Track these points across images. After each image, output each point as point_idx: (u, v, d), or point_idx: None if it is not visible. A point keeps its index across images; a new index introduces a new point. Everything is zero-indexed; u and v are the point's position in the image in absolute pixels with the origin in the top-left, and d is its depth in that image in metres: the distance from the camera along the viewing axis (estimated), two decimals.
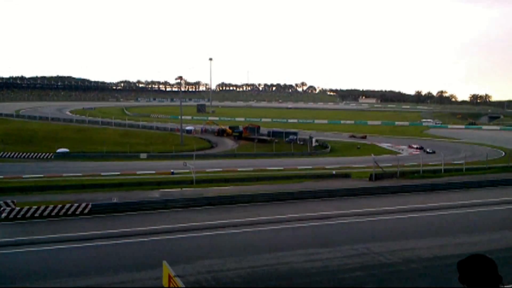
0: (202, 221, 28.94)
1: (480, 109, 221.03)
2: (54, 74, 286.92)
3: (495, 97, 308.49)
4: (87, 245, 23.61)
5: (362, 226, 28.77)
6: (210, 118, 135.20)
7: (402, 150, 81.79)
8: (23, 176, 47.03)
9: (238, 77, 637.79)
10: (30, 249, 22.75)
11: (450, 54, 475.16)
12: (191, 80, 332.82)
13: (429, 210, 33.09)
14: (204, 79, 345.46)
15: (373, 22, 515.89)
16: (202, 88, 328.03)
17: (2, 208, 29.25)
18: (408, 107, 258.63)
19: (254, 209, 32.86)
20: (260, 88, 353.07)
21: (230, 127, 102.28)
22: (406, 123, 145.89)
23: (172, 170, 51.89)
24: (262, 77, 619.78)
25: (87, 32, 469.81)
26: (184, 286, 14.06)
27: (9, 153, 62.32)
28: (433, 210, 33.10)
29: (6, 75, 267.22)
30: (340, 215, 31.05)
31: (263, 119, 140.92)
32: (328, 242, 24.22)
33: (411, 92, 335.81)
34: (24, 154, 62.88)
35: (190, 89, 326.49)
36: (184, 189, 41.63)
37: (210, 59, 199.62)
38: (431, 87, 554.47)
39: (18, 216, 28.69)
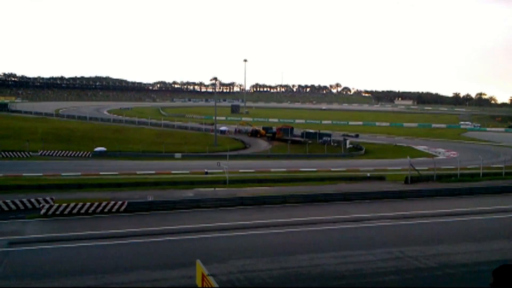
0: (235, 221, 29.10)
1: None
2: (92, 75, 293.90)
3: None
4: (122, 243, 24.07)
5: (397, 229, 28.36)
6: (243, 118, 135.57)
7: (439, 153, 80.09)
8: (62, 174, 48.22)
9: (272, 78, 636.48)
10: (67, 245, 23.35)
11: (490, 55, 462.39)
12: (226, 81, 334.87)
13: (466, 214, 32.32)
14: (238, 80, 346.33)
15: (410, 23, 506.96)
16: (236, 89, 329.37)
17: (41, 205, 30.11)
18: (446, 109, 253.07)
19: (286, 210, 32.83)
20: (294, 89, 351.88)
21: (263, 128, 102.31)
22: (443, 125, 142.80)
23: (205, 170, 52.24)
24: (296, 78, 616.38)
25: (125, 33, 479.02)
26: (217, 285, 14.14)
27: (48, 152, 64.00)
28: (470, 214, 32.32)
29: (46, 75, 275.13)
30: (374, 218, 30.67)
31: (296, 120, 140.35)
32: (361, 245, 23.96)
33: (449, 94, 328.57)
34: (63, 152, 64.45)
35: (224, 90, 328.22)
36: (217, 189, 41.89)
37: (245, 60, 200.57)
38: (470, 89, 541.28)
39: (56, 213, 29.47)
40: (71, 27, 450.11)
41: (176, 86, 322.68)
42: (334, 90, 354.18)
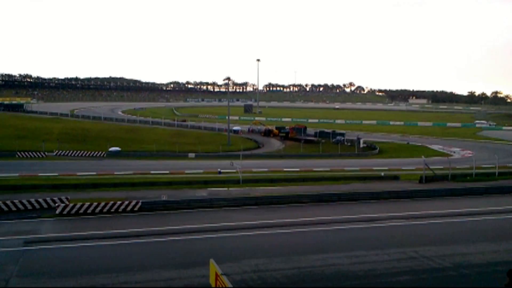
0: (248, 220, 29.15)
1: None
2: (107, 75, 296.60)
3: None
4: (136, 242, 24.24)
5: (411, 229, 28.18)
6: (257, 118, 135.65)
7: (454, 152, 79.37)
8: (77, 174, 48.69)
9: (285, 77, 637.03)
10: (82, 244, 23.58)
11: (505, 53, 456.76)
12: (239, 80, 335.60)
13: (481, 214, 31.99)
14: (251, 80, 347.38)
15: (424, 22, 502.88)
16: (249, 88, 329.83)
17: (56, 204, 30.43)
18: (461, 108, 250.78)
19: (300, 210, 32.80)
20: (307, 89, 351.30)
21: (276, 128, 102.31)
22: (458, 124, 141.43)
23: (219, 170, 52.39)
24: (309, 77, 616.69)
25: (139, 34, 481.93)
26: (230, 285, 14.18)
27: (64, 152, 64.64)
28: (485, 214, 32.00)
29: (61, 76, 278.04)
30: (388, 218, 30.52)
31: (310, 120, 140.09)
32: (375, 244, 23.84)
33: (464, 92, 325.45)
34: (78, 152, 65.05)
35: (237, 90, 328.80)
36: (230, 188, 41.96)
37: (258, 60, 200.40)
38: (485, 88, 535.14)
39: (71, 212, 29.79)
40: (86, 28, 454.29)
41: (189, 86, 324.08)
42: (347, 89, 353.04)
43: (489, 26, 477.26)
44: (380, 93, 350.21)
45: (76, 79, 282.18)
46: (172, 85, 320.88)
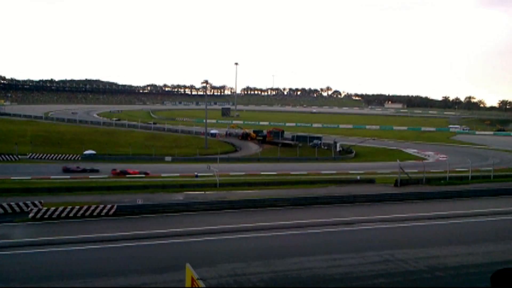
0: (225, 224, 29.05)
1: (509, 115, 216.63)
2: (82, 78, 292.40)
3: None
4: (111, 246, 23.92)
5: (387, 232, 28.44)
6: (234, 122, 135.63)
7: (429, 156, 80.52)
8: (51, 177, 47.89)
9: (263, 81, 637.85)
10: (55, 249, 23.17)
11: (479, 59, 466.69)
12: (217, 84, 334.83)
13: (455, 217, 32.52)
14: (229, 83, 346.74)
15: (399, 27, 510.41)
16: (227, 92, 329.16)
17: (29, 209, 29.89)
18: (435, 112, 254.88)
19: (277, 213, 32.83)
20: (285, 93, 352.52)
21: (254, 131, 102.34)
22: (433, 128, 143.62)
23: (196, 173, 52.16)
24: (287, 81, 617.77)
25: (115, 36, 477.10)
26: None
27: (37, 155, 63.51)
28: (459, 217, 32.53)
29: (36, 78, 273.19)
30: (364, 221, 30.76)
31: (287, 123, 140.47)
32: (351, 248, 24.00)
33: (438, 97, 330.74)
34: (52, 155, 64.00)
35: (215, 93, 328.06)
36: (207, 192, 41.81)
37: (236, 63, 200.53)
38: (459, 93, 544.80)
39: (44, 216, 29.25)
40: (61, 29, 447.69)
41: (166, 89, 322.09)
42: (324, 94, 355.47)
43: (464, 33, 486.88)
44: (357, 98, 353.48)
45: (51, 81, 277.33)
46: (149, 88, 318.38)
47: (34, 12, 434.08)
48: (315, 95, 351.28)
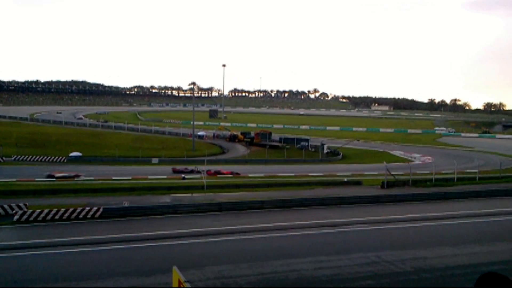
0: (213, 226, 28.95)
1: (494, 118, 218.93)
2: (69, 79, 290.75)
3: (509, 106, 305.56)
4: (97, 249, 23.69)
5: (374, 234, 28.55)
6: (222, 123, 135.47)
7: (415, 158, 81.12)
8: (36, 179, 47.41)
9: (251, 83, 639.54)
10: (41, 252, 22.87)
11: (464, 62, 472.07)
12: (204, 85, 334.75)
13: (442, 219, 32.74)
14: (217, 85, 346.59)
15: (387, 30, 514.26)
16: (214, 93, 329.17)
17: (14, 211, 29.52)
18: (421, 114, 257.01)
19: (264, 216, 32.78)
20: (273, 95, 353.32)
21: (242, 133, 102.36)
22: (419, 131, 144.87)
23: (183, 175, 51.99)
24: (274, 83, 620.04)
25: (102, 37, 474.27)
26: None
27: (22, 157, 62.85)
28: (445, 219, 32.76)
29: (21, 79, 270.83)
30: (351, 223, 30.85)
31: (275, 125, 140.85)
32: (338, 250, 24.06)
33: (424, 100, 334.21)
34: (37, 157, 63.37)
35: (203, 95, 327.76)
36: (195, 194, 41.64)
37: (223, 65, 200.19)
38: (445, 95, 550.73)
39: (30, 219, 28.87)
40: (47, 30, 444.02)
41: (153, 90, 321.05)
42: (312, 96, 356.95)
43: (450, 36, 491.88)
44: (344, 100, 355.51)
45: (37, 82, 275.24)
46: (136, 89, 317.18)
47: (20, 13, 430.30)
48: (302, 97, 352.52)
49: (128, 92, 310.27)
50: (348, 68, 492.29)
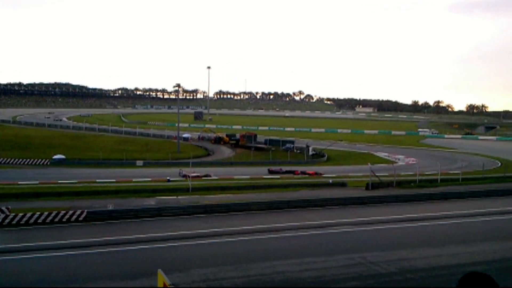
0: (198, 229, 28.83)
1: (476, 119, 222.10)
2: (52, 81, 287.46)
3: (491, 108, 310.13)
4: (81, 253, 23.44)
5: (358, 235, 28.69)
6: (207, 125, 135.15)
7: (399, 159, 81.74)
8: (19, 183, 46.81)
9: (236, 85, 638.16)
10: (24, 256, 22.57)
11: (447, 64, 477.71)
12: (189, 87, 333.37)
13: (426, 219, 33.02)
14: (202, 87, 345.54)
15: (370, 32, 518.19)
16: (199, 96, 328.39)
17: None
18: (405, 116, 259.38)
19: (250, 218, 32.75)
20: (258, 97, 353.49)
21: (227, 135, 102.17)
22: (403, 132, 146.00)
23: (168, 178, 51.73)
24: (259, 85, 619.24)
25: (85, 39, 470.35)
26: None
27: (5, 160, 62.04)
28: (429, 220, 33.04)
29: (3, 81, 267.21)
30: (336, 224, 30.94)
31: (260, 127, 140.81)
32: (323, 251, 24.12)
33: (408, 101, 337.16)
34: (20, 160, 62.62)
35: (187, 97, 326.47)
36: (180, 197, 41.44)
37: (208, 67, 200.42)
38: (428, 97, 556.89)
39: (12, 223, 28.51)
40: (30, 31, 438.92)
41: (138, 92, 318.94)
42: (297, 98, 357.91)
43: (433, 38, 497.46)
44: (329, 102, 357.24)
45: (20, 84, 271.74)
46: (120, 92, 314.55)
47: (1, 14, 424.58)
48: (287, 99, 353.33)
49: (112, 94, 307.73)
50: (333, 70, 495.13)
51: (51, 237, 26.24)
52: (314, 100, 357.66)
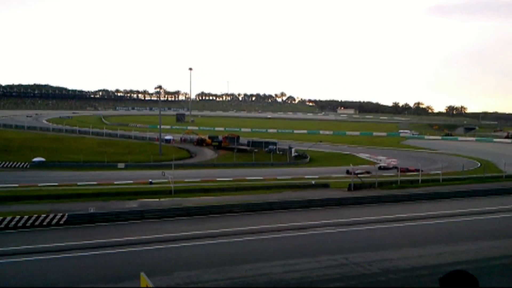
0: (180, 231, 28.67)
1: (456, 121, 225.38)
2: (31, 82, 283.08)
3: (470, 109, 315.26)
4: (63, 256, 23.14)
5: (341, 236, 28.82)
6: (189, 127, 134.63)
7: (380, 160, 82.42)
8: None
9: (218, 87, 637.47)
10: (3, 261, 22.21)
11: (427, 66, 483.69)
12: (171, 89, 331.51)
13: (407, 220, 33.31)
14: (183, 89, 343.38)
15: (351, 34, 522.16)
16: (181, 97, 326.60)
17: None
18: (386, 118, 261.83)
19: (233, 220, 32.70)
20: (240, 98, 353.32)
21: (209, 137, 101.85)
22: (384, 133, 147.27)
23: (150, 180, 51.39)
24: (242, 87, 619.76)
25: (65, 40, 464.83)
26: None
27: None
28: (411, 220, 33.33)
29: None
30: (319, 225, 31.05)
31: (242, 129, 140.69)
32: (307, 252, 24.14)
33: (389, 103, 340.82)
34: None
35: (169, 98, 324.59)
36: (162, 199, 41.23)
37: (190, 68, 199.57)
38: (408, 99, 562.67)
39: None
40: (7, 31, 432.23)
41: (119, 94, 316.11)
42: (279, 99, 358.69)
43: (413, 40, 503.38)
44: (310, 103, 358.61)
45: None
46: (100, 93, 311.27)
47: None
48: (269, 100, 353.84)
49: (92, 96, 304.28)
50: (315, 72, 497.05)
51: (31, 241, 25.84)
52: (296, 102, 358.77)
